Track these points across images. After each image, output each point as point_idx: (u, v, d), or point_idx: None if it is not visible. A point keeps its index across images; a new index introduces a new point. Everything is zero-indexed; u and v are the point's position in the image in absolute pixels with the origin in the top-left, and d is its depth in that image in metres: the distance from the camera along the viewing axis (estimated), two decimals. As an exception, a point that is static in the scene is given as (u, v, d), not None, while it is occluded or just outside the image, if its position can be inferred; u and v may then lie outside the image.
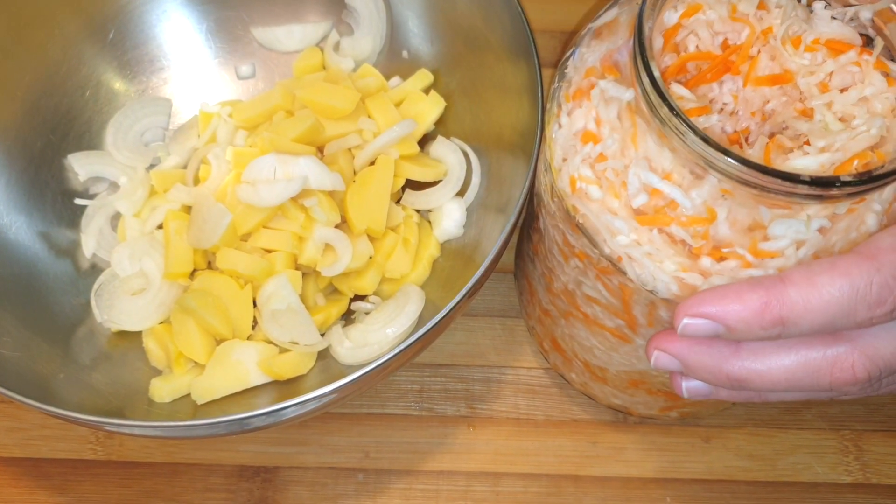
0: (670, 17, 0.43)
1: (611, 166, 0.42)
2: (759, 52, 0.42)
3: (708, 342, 0.40)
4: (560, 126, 0.45)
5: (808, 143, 0.40)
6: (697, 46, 0.43)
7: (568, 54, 0.47)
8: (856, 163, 0.38)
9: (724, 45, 0.43)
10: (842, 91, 0.41)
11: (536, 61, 0.54)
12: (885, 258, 0.37)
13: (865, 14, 0.41)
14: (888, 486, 0.58)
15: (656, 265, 0.41)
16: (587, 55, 0.45)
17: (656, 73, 0.38)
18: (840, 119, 0.40)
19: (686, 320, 0.38)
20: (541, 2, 0.71)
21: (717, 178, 0.38)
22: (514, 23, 0.56)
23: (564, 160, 0.44)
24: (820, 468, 0.58)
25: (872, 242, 0.37)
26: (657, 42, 0.42)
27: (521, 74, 0.55)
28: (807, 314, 0.37)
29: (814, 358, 0.39)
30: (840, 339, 0.38)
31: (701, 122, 0.40)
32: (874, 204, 0.39)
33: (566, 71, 0.46)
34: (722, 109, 0.42)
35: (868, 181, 0.35)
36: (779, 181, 0.36)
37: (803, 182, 0.35)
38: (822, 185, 0.35)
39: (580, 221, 0.43)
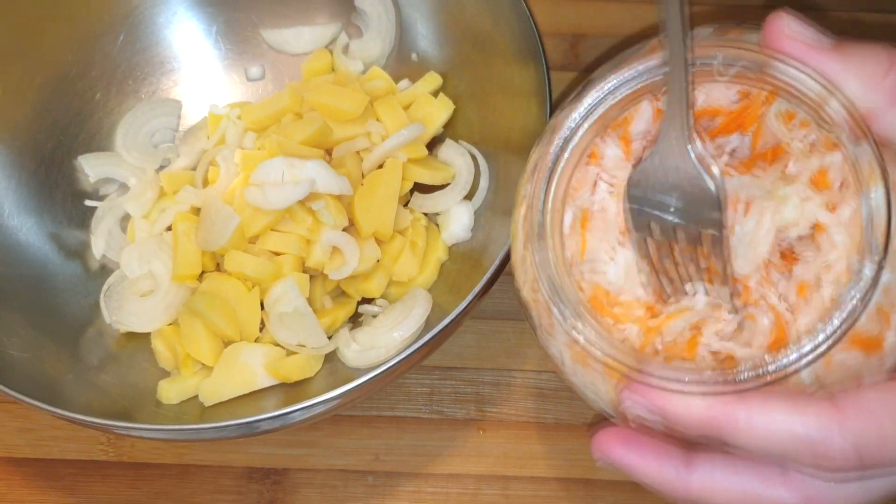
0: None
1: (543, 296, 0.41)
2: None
3: (658, 456, 0.38)
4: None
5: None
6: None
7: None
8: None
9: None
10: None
11: (544, 64, 0.54)
12: (854, 419, 0.34)
13: None
14: None
15: (593, 391, 0.41)
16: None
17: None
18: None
19: (627, 397, 0.37)
20: (549, 4, 0.70)
21: None
22: (523, 25, 0.56)
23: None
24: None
25: (855, 396, 0.35)
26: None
27: (530, 77, 0.55)
28: (747, 439, 0.35)
29: (763, 497, 0.37)
30: (793, 485, 0.37)
31: None
32: (804, 373, 0.36)
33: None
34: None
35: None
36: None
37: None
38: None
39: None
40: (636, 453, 0.39)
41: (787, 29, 0.37)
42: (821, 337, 0.34)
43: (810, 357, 0.35)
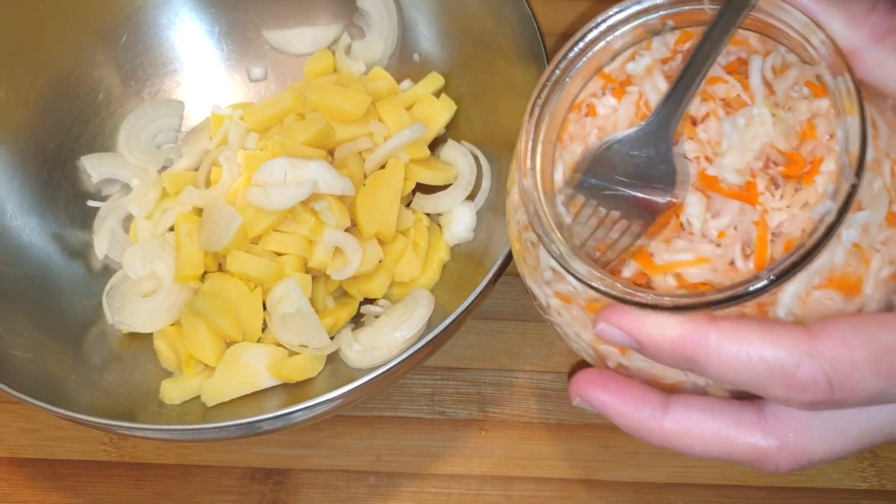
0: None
1: (529, 239, 0.42)
2: None
3: (635, 398, 0.38)
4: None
5: None
6: None
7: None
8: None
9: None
10: None
11: (546, 64, 0.54)
12: (827, 347, 0.34)
13: None
14: (904, 492, 0.57)
15: (575, 333, 0.41)
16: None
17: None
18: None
19: (602, 325, 0.37)
20: (551, 5, 0.70)
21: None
22: (524, 26, 0.56)
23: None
24: (835, 474, 0.58)
25: (827, 324, 0.34)
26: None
27: (532, 78, 0.55)
28: (718, 364, 0.35)
29: (738, 442, 0.37)
30: (768, 430, 0.37)
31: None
32: (780, 308, 0.36)
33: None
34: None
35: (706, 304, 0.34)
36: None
37: (645, 305, 0.35)
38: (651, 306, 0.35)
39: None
40: (613, 394, 0.39)
41: None
42: (788, 261, 0.34)
43: (779, 280, 0.34)
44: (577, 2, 0.72)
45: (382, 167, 0.60)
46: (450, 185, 0.61)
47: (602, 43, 0.41)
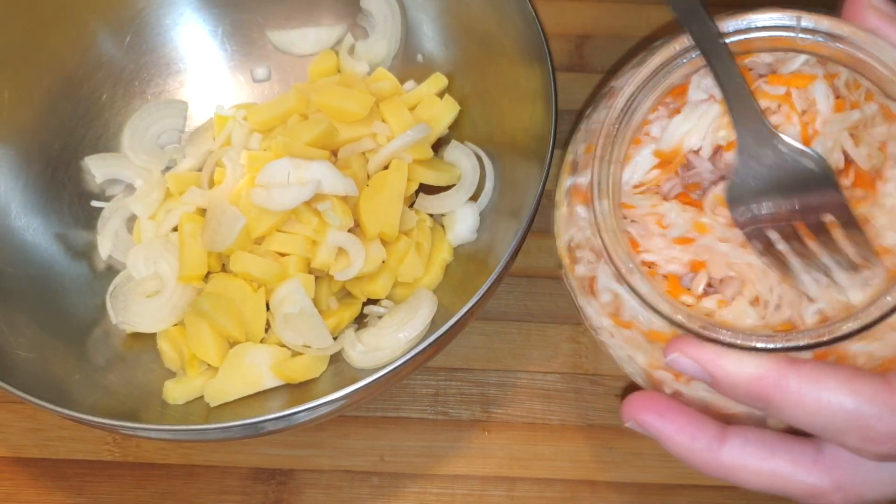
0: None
1: (586, 258, 0.41)
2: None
3: (693, 428, 0.38)
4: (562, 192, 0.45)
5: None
6: None
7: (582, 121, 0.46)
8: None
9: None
10: None
11: (550, 65, 0.54)
12: None
13: None
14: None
15: (628, 356, 0.40)
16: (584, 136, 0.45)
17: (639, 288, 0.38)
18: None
19: (676, 356, 0.36)
20: (555, 6, 0.70)
21: None
22: (528, 26, 0.56)
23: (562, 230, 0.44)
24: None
25: None
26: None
27: (535, 78, 0.55)
28: (795, 407, 0.35)
29: (795, 480, 0.37)
30: (825, 470, 0.36)
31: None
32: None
33: (576, 140, 0.45)
34: None
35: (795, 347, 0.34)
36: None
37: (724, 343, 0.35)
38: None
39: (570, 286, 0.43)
40: (669, 421, 0.38)
41: (871, 1, 0.37)
42: (875, 311, 0.34)
43: (865, 329, 0.34)
44: (580, 2, 0.72)
45: (386, 168, 0.59)
46: (453, 185, 0.61)
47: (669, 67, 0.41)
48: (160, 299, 0.59)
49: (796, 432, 0.38)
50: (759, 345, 0.35)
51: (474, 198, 0.61)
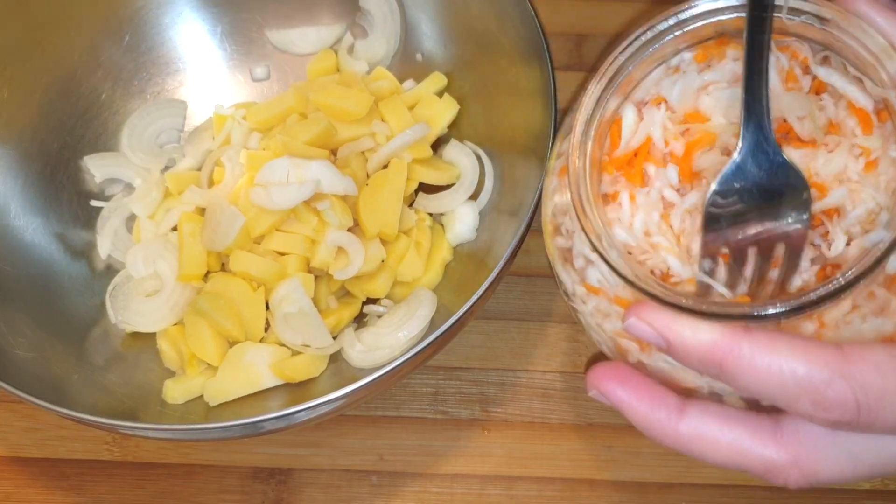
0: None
1: (566, 226, 0.42)
2: None
3: (652, 397, 0.38)
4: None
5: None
6: None
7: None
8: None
9: None
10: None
11: (549, 64, 0.54)
12: (860, 370, 0.34)
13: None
14: (907, 493, 0.57)
15: (597, 324, 0.41)
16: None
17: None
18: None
19: (633, 320, 0.37)
20: (554, 4, 0.70)
21: None
22: (527, 25, 0.56)
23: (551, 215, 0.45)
24: (838, 474, 0.58)
25: (861, 349, 0.35)
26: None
27: (534, 77, 0.55)
28: (747, 374, 0.35)
29: (752, 453, 0.37)
30: (782, 444, 0.37)
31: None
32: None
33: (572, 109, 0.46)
34: None
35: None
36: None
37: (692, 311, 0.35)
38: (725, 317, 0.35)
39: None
40: (630, 391, 0.39)
41: None
42: (832, 286, 0.34)
43: (820, 303, 0.34)
44: (580, 1, 0.72)
45: (385, 167, 0.59)
46: (452, 184, 0.61)
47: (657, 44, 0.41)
48: (159, 299, 0.59)
49: (756, 409, 0.38)
50: (717, 310, 0.35)
51: (474, 197, 0.61)
